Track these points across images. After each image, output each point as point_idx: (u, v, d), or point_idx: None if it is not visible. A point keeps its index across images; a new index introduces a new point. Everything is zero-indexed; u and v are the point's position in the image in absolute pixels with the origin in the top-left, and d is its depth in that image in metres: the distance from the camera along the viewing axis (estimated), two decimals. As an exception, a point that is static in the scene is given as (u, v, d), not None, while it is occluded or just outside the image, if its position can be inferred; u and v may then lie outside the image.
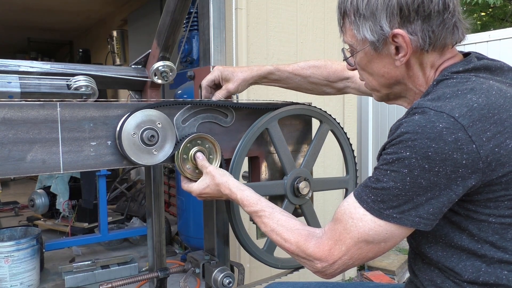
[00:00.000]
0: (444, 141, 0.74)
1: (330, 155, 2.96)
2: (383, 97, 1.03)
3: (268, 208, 1.04)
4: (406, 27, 0.85)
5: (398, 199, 0.79)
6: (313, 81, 1.33)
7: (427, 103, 0.80)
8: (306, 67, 1.32)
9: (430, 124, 0.76)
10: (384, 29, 0.87)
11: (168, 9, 1.34)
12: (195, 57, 3.45)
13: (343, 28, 0.97)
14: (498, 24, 9.12)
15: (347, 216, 0.86)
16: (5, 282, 2.86)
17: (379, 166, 0.83)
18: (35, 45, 8.93)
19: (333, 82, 1.35)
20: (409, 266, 1.02)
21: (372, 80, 0.99)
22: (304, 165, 1.40)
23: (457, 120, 0.75)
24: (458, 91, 0.80)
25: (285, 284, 1.28)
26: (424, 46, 0.87)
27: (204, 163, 1.18)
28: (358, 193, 0.86)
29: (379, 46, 0.90)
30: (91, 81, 1.26)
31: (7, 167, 0.96)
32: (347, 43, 0.98)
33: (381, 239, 0.83)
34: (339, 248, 0.87)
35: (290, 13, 2.74)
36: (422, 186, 0.77)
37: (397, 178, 0.79)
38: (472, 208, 0.82)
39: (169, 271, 1.49)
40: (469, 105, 0.77)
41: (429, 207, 0.79)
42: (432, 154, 0.75)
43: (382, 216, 0.81)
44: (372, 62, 0.95)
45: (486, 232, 0.82)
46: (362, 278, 3.16)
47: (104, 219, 3.50)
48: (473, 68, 0.87)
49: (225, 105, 1.26)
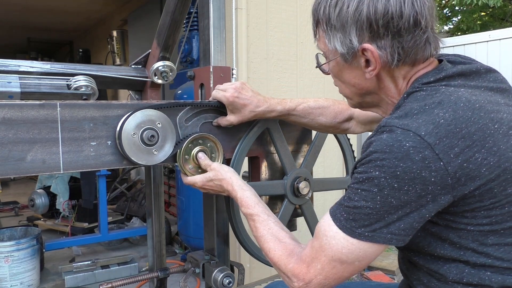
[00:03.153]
0: (411, 160, 0.74)
1: (330, 155, 2.97)
2: (356, 105, 1.03)
3: (263, 214, 1.04)
4: (375, 42, 0.85)
5: (369, 218, 0.79)
6: (321, 121, 1.32)
7: (394, 121, 0.80)
8: (316, 107, 1.30)
9: (397, 143, 0.76)
10: (353, 43, 0.87)
11: (168, 9, 1.34)
12: (195, 57, 3.45)
13: (317, 35, 0.97)
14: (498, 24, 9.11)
15: (322, 233, 0.86)
16: (5, 282, 2.86)
17: (351, 185, 0.83)
18: (35, 45, 8.93)
19: (340, 122, 1.34)
20: (400, 267, 1.03)
21: (344, 88, 1.00)
22: (304, 165, 1.40)
23: (423, 138, 0.75)
24: (426, 106, 0.80)
25: (285, 284, 1.28)
26: (392, 62, 0.86)
27: (207, 162, 1.19)
28: (333, 211, 0.86)
29: (348, 58, 0.90)
30: (91, 81, 1.26)
31: (7, 167, 0.96)
32: (321, 49, 0.98)
33: (354, 258, 0.83)
34: (315, 266, 0.87)
35: (290, 13, 2.74)
36: (393, 205, 0.77)
37: (368, 197, 0.79)
38: (450, 218, 0.82)
39: (169, 271, 1.49)
40: (435, 121, 0.77)
41: (400, 223, 0.79)
42: (400, 174, 0.75)
43: (354, 234, 0.81)
44: (343, 72, 0.95)
45: (467, 239, 0.82)
46: (362, 278, 3.16)
47: (104, 219, 3.51)
48: (445, 77, 0.86)
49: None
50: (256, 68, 2.59)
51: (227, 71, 1.35)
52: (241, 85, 1.23)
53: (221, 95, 1.22)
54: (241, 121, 1.24)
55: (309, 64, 2.89)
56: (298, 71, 2.84)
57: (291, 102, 1.28)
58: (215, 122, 1.26)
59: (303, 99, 1.31)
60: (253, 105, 1.21)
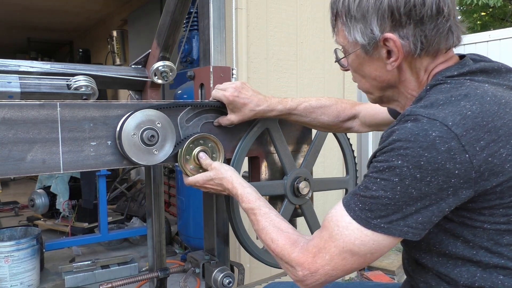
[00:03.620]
0: (437, 150, 0.73)
1: (330, 155, 2.97)
2: (376, 100, 1.01)
3: (264, 208, 1.04)
4: (397, 31, 0.83)
5: (386, 208, 0.77)
6: (323, 120, 1.32)
7: (419, 110, 0.78)
8: (317, 106, 1.30)
9: (423, 132, 0.74)
10: (375, 33, 0.85)
11: (168, 9, 1.34)
12: (195, 57, 3.45)
13: (336, 29, 0.95)
14: (498, 24, 9.12)
15: (333, 223, 0.84)
16: (5, 282, 2.86)
17: (369, 174, 0.81)
18: (35, 45, 8.92)
19: (342, 121, 1.33)
20: (404, 267, 1.01)
21: (365, 83, 0.97)
22: (304, 165, 1.40)
23: (451, 128, 0.73)
24: (452, 97, 0.78)
25: (285, 284, 1.28)
26: (415, 51, 0.84)
27: (208, 162, 1.19)
28: (347, 201, 0.84)
29: (369, 49, 0.88)
30: (91, 81, 1.26)
31: (7, 167, 0.96)
32: (339, 44, 0.96)
33: (366, 250, 0.81)
34: (323, 256, 0.84)
35: (290, 13, 2.74)
36: (413, 196, 0.75)
37: (387, 187, 0.77)
38: (467, 215, 0.80)
39: (169, 271, 1.49)
40: (462, 113, 0.75)
41: (418, 216, 0.77)
42: (424, 164, 0.73)
43: (370, 225, 0.79)
44: (363, 65, 0.93)
45: (481, 238, 0.81)
46: (362, 278, 3.16)
47: (104, 219, 3.50)
48: (468, 72, 0.85)
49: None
50: (256, 68, 2.59)
51: (227, 71, 1.35)
52: (241, 85, 1.23)
53: (221, 94, 1.22)
54: (241, 120, 1.23)
55: (309, 64, 2.89)
56: (298, 71, 2.84)
57: (292, 101, 1.27)
58: (216, 122, 1.26)
59: (305, 98, 1.30)
60: (253, 104, 1.21)
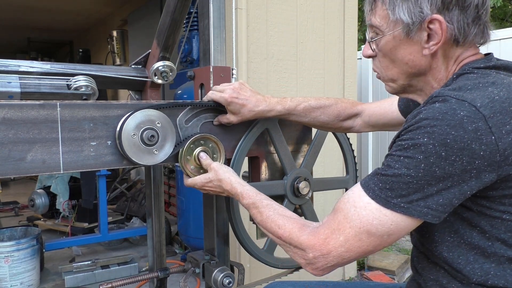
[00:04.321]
0: (464, 129, 0.73)
1: (330, 155, 2.96)
2: (398, 89, 0.99)
3: (265, 200, 1.04)
4: (444, 14, 0.83)
5: (408, 187, 0.77)
6: (323, 120, 1.31)
7: (448, 92, 0.79)
8: (317, 106, 1.29)
9: (451, 111, 0.75)
10: (424, 12, 0.84)
11: (168, 9, 1.34)
12: (195, 57, 3.45)
13: (374, 8, 0.93)
14: (498, 24, 9.12)
15: (350, 204, 0.83)
16: (5, 282, 2.86)
17: (392, 153, 0.80)
18: (35, 45, 8.92)
19: (342, 120, 1.33)
20: (412, 264, 1.00)
21: (392, 68, 0.95)
22: (304, 165, 1.40)
23: (479, 109, 0.74)
24: (480, 84, 0.80)
25: (285, 284, 1.28)
26: (458, 37, 0.85)
27: (208, 162, 1.19)
28: (366, 182, 0.83)
29: (412, 29, 0.86)
30: (91, 81, 1.26)
31: (7, 167, 0.96)
32: (374, 25, 0.93)
33: (384, 230, 0.79)
34: (336, 237, 0.82)
35: (290, 13, 2.74)
36: (436, 175, 0.75)
37: (411, 164, 0.76)
38: (486, 204, 0.80)
39: (169, 271, 1.49)
40: (490, 96, 0.76)
41: (439, 198, 0.76)
42: (450, 142, 0.73)
43: (389, 205, 0.78)
44: (398, 48, 0.91)
45: (499, 229, 0.80)
46: (362, 278, 3.16)
47: (104, 219, 3.51)
48: (493, 66, 0.86)
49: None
50: (256, 68, 2.59)
51: (227, 71, 1.35)
52: (239, 85, 1.23)
53: (219, 96, 1.21)
54: (240, 120, 1.23)
55: (309, 64, 2.89)
56: (298, 71, 2.84)
57: (291, 101, 1.27)
58: (216, 121, 1.25)
59: (304, 98, 1.29)
60: (252, 105, 1.21)
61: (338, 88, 3.08)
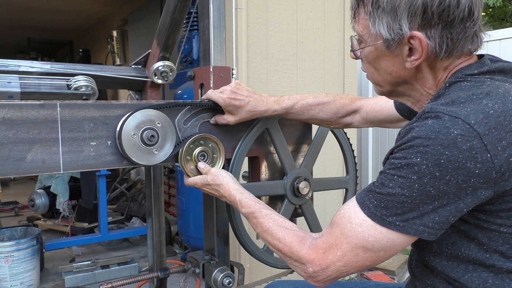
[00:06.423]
0: (458, 148, 0.71)
1: (330, 155, 2.96)
2: (385, 93, 0.98)
3: (265, 210, 1.03)
4: (425, 30, 0.80)
5: (403, 206, 0.76)
6: (321, 117, 1.31)
7: (441, 107, 0.76)
8: (315, 104, 1.28)
9: (444, 130, 0.72)
10: (403, 29, 0.81)
11: (168, 9, 1.34)
12: (195, 57, 3.45)
13: (356, 16, 0.91)
14: (498, 24, 9.12)
15: (346, 220, 0.83)
16: (5, 282, 2.86)
17: (386, 171, 0.79)
18: (35, 45, 8.92)
19: (341, 117, 1.32)
20: (410, 267, 1.00)
21: (377, 76, 0.94)
22: (304, 165, 1.40)
23: (473, 127, 0.72)
24: (473, 95, 0.77)
25: (285, 283, 1.28)
26: (439, 54, 0.82)
27: (206, 169, 1.19)
28: (361, 198, 0.83)
29: (392, 44, 0.84)
30: (91, 81, 1.26)
31: (7, 167, 0.96)
32: (357, 32, 0.92)
33: (380, 247, 0.79)
34: (334, 252, 0.83)
35: (290, 13, 2.74)
36: (431, 194, 0.74)
37: (405, 184, 0.75)
38: (483, 218, 0.79)
39: (169, 271, 1.49)
40: (485, 111, 0.73)
41: (435, 215, 0.75)
42: (444, 162, 0.71)
43: (384, 223, 0.78)
44: (380, 59, 0.89)
45: (496, 242, 0.79)
46: (362, 278, 3.16)
47: (104, 219, 3.50)
48: (487, 71, 0.83)
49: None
50: (256, 68, 2.59)
51: (227, 71, 1.35)
52: (236, 86, 1.22)
53: (217, 96, 1.21)
54: (238, 121, 1.23)
55: (309, 64, 2.89)
56: (298, 71, 2.84)
57: (289, 99, 1.26)
58: (213, 120, 1.25)
59: (302, 96, 1.29)
60: (250, 105, 1.21)
61: (338, 88, 3.08)
